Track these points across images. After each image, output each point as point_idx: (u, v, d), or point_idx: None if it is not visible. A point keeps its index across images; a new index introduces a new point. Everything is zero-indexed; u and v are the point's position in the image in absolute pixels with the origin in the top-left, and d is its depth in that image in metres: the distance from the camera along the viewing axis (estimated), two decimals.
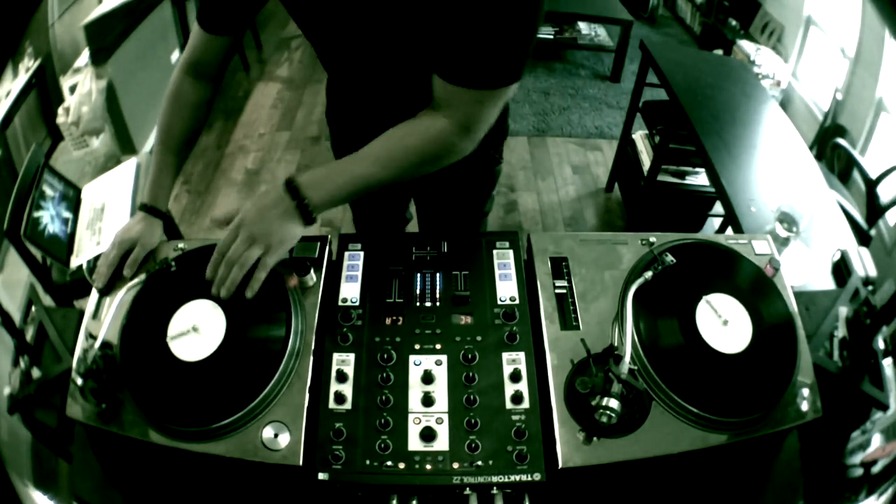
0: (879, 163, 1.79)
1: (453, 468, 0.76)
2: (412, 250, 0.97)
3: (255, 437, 0.78)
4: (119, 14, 2.54)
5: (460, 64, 0.79)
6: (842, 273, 1.26)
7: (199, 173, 2.83)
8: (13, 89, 1.99)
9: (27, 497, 0.85)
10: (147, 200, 1.00)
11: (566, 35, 3.78)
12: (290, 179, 0.85)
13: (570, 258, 0.95)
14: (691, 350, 0.84)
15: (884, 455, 0.96)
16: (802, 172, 1.74)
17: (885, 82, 2.14)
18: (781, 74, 2.86)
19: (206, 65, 1.00)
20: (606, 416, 0.74)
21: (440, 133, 0.85)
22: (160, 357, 0.83)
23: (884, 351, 1.04)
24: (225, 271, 0.83)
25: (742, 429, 0.80)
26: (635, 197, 2.54)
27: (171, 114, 1.01)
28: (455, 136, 0.85)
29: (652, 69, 2.25)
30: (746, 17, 3.43)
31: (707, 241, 0.96)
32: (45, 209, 1.46)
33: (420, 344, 0.86)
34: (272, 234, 0.83)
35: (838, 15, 2.66)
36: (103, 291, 0.92)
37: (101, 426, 0.81)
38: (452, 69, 0.80)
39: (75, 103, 2.30)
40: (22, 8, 1.06)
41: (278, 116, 3.26)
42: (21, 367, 1.03)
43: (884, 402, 1.00)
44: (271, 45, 3.84)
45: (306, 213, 0.84)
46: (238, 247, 0.83)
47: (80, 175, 2.20)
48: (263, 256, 0.84)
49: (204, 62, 1.00)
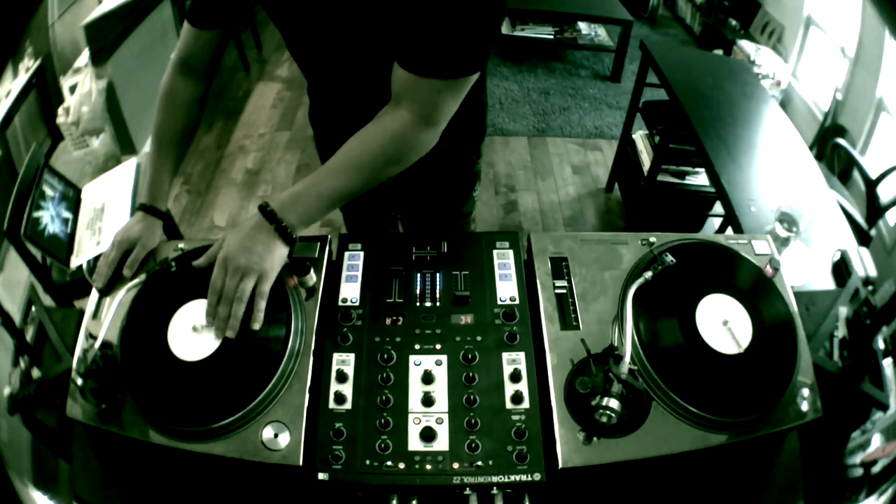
0: (879, 163, 1.79)
1: (453, 468, 0.76)
2: (412, 250, 0.97)
3: (255, 437, 0.78)
4: (119, 14, 2.54)
5: (420, 52, 0.80)
6: (842, 273, 1.26)
7: (199, 173, 2.83)
8: (13, 89, 1.99)
9: (27, 497, 0.85)
10: (146, 200, 1.00)
11: (566, 35, 3.78)
12: (264, 205, 0.85)
13: (570, 258, 0.95)
14: (691, 350, 0.84)
15: (884, 455, 0.96)
16: (802, 172, 1.74)
17: (885, 82, 2.13)
18: (781, 74, 2.86)
19: (196, 61, 1.00)
20: (606, 416, 0.74)
21: (402, 129, 0.85)
22: (160, 357, 0.83)
23: (884, 351, 1.04)
24: (225, 310, 0.82)
25: (742, 429, 0.80)
26: (635, 197, 2.53)
27: (164, 113, 1.01)
28: (416, 128, 0.85)
29: (652, 69, 2.25)
30: (746, 17, 3.43)
31: (707, 241, 0.96)
32: (45, 209, 1.46)
33: (420, 344, 0.86)
34: (260, 261, 0.83)
35: (838, 15, 2.66)
36: (103, 291, 0.92)
37: (101, 426, 0.81)
38: (412, 57, 0.80)
39: (75, 103, 2.30)
40: (22, 8, 1.06)
41: (278, 116, 3.26)
42: (21, 367, 1.03)
43: (884, 402, 1.00)
44: (271, 45, 3.84)
45: (286, 234, 0.85)
46: (231, 282, 0.82)
47: (80, 175, 2.20)
48: (258, 285, 0.84)
49: (194, 58, 1.00)
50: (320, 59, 1.00)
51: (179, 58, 1.00)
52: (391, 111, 0.86)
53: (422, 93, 0.83)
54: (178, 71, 1.01)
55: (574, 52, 3.84)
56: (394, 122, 0.85)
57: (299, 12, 0.90)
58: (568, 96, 3.47)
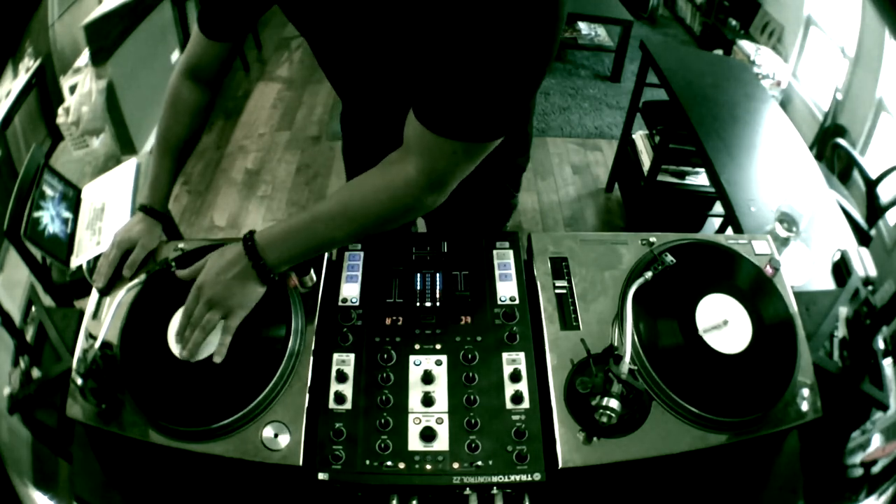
0: (879, 163, 1.79)
1: (453, 468, 0.76)
2: (412, 250, 0.97)
3: (255, 437, 0.78)
4: (119, 14, 2.54)
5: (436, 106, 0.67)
6: (842, 273, 1.26)
7: (199, 173, 2.83)
8: (13, 89, 1.99)
9: (27, 497, 0.85)
10: (146, 201, 1.00)
11: (566, 35, 3.78)
12: (248, 236, 0.83)
13: (570, 258, 0.95)
14: (691, 350, 0.84)
15: (884, 455, 0.96)
16: (802, 172, 1.74)
17: (885, 82, 2.14)
18: (781, 74, 2.86)
19: (205, 70, 0.99)
20: (606, 416, 0.74)
21: (406, 187, 0.76)
22: (160, 357, 0.83)
23: (884, 351, 1.04)
24: (190, 335, 0.82)
25: (742, 429, 0.80)
26: (635, 197, 2.54)
27: (170, 118, 1.00)
28: (421, 190, 0.75)
29: (652, 69, 2.25)
30: (746, 17, 3.43)
31: (707, 241, 0.96)
32: (45, 209, 1.46)
33: (420, 344, 0.86)
34: (231, 298, 0.83)
35: (838, 15, 2.66)
36: (103, 291, 0.92)
37: (102, 426, 0.81)
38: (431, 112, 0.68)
39: (75, 103, 2.30)
40: (22, 8, 1.06)
41: (278, 116, 3.26)
42: (21, 367, 1.03)
43: (884, 402, 1.00)
44: (271, 45, 3.84)
45: (264, 273, 0.83)
46: (199, 311, 0.82)
47: (80, 175, 2.20)
48: (226, 320, 0.83)
49: (204, 67, 0.99)
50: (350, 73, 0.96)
51: (188, 64, 0.99)
52: (398, 162, 0.77)
53: (434, 151, 0.71)
54: (185, 76, 0.99)
55: (574, 52, 3.84)
56: (398, 176, 0.76)
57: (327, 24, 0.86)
58: (568, 96, 3.47)
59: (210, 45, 0.96)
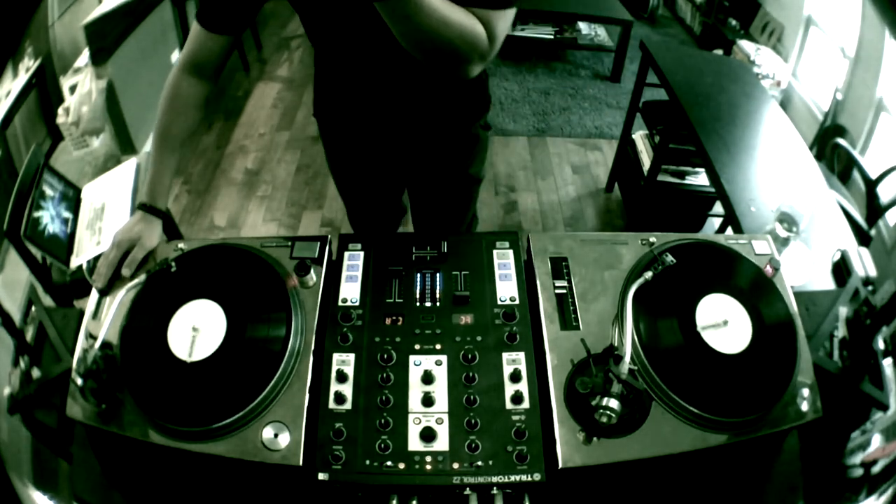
0: (879, 163, 1.79)
1: (453, 468, 0.76)
2: (412, 250, 0.97)
3: (255, 437, 0.78)
4: (119, 14, 2.54)
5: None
6: (842, 273, 1.26)
7: (199, 173, 2.83)
8: (13, 89, 1.99)
9: (27, 497, 0.85)
10: (146, 200, 1.00)
11: (566, 35, 3.77)
12: None
13: (570, 258, 0.95)
14: (691, 350, 0.84)
15: (884, 455, 0.96)
16: (802, 172, 1.74)
17: (885, 82, 2.14)
18: (781, 74, 2.86)
19: (206, 63, 1.00)
20: (606, 416, 0.74)
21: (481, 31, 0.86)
22: (160, 357, 0.83)
23: (884, 351, 1.04)
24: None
25: (742, 429, 0.80)
26: (635, 197, 2.53)
27: (169, 113, 1.00)
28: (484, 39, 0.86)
29: (652, 69, 2.25)
30: (746, 17, 3.43)
31: (707, 241, 0.96)
32: (45, 209, 1.46)
33: (420, 344, 0.86)
34: None
35: (838, 15, 2.66)
36: (103, 291, 0.92)
37: (101, 426, 0.81)
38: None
39: (75, 103, 2.30)
40: (22, 8, 1.06)
41: (278, 116, 3.26)
42: (21, 367, 1.03)
43: (884, 402, 1.00)
44: (271, 45, 3.84)
45: None
46: None
47: (80, 175, 2.20)
48: None
49: (204, 61, 0.99)
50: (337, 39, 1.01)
51: (188, 59, 0.99)
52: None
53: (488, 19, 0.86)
54: (185, 71, 1.00)
55: (574, 52, 3.83)
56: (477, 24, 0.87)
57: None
58: (568, 96, 3.47)
59: (210, 38, 0.97)
